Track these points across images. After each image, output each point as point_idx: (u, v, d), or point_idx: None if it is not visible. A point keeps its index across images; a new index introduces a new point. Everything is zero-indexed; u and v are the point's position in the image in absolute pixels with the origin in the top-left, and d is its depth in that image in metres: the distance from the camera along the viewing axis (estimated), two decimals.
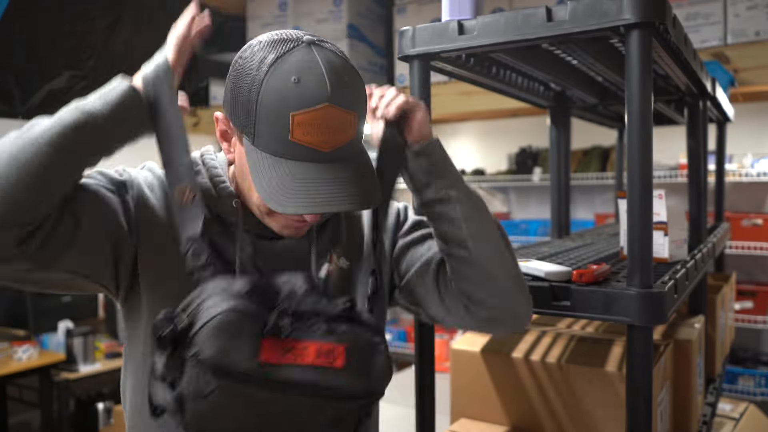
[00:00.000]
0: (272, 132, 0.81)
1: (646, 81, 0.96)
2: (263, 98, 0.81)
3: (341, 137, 0.83)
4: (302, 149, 0.81)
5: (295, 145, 0.81)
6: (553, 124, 1.98)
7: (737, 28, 2.76)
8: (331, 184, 0.82)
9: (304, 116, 0.79)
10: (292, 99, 0.79)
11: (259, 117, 0.81)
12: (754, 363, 3.28)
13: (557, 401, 1.28)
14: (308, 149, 0.81)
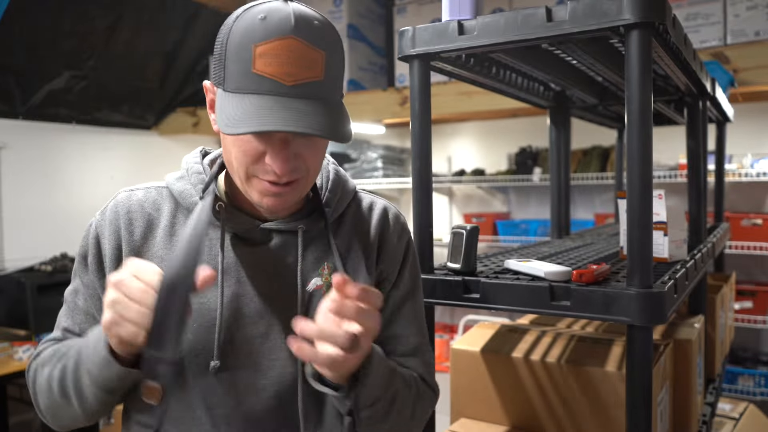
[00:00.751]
0: (237, 68, 0.81)
1: (645, 81, 0.96)
2: (231, 38, 0.82)
3: (305, 73, 0.81)
4: (264, 81, 0.80)
5: (257, 77, 0.80)
6: (553, 124, 1.98)
7: (737, 28, 2.76)
8: (288, 111, 0.79)
9: (265, 47, 0.79)
10: (256, 32, 0.80)
11: (227, 57, 0.82)
12: (754, 363, 3.28)
13: (557, 401, 1.28)
14: (270, 81, 0.80)
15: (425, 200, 1.22)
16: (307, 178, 0.90)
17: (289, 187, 0.88)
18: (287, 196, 0.89)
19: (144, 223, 0.95)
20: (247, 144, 0.85)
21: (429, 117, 1.21)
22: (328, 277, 0.95)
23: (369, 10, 4.04)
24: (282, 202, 0.89)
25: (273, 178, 0.86)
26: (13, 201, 3.57)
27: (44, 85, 3.56)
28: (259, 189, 0.88)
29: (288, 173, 0.85)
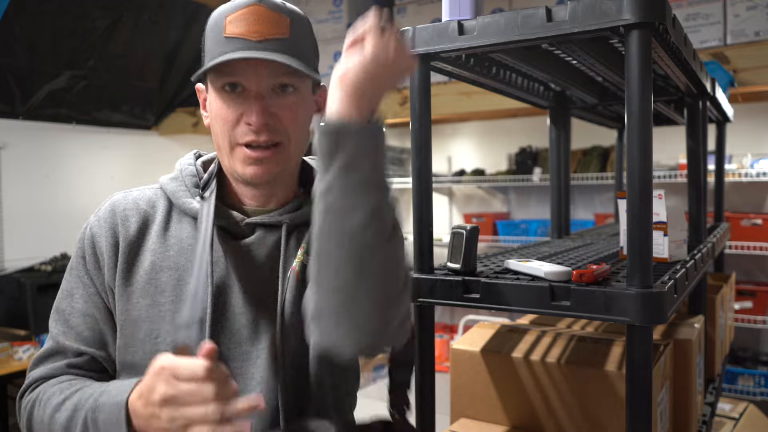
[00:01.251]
0: (211, 41, 0.92)
1: (645, 81, 0.96)
2: (208, 24, 0.94)
3: (271, 30, 0.90)
4: (233, 41, 0.89)
5: (227, 39, 0.90)
6: (553, 124, 1.98)
7: (737, 29, 2.77)
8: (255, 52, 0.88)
9: (234, 15, 0.90)
10: (226, 9, 0.92)
11: (206, 39, 0.94)
12: (754, 363, 3.28)
13: (557, 401, 1.28)
14: (239, 39, 0.89)
15: (425, 200, 1.22)
16: (288, 147, 0.93)
17: (270, 151, 0.91)
18: (269, 164, 0.92)
19: (139, 219, 0.97)
20: (227, 109, 0.91)
21: (429, 117, 1.21)
22: (300, 257, 0.96)
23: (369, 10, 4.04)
24: (265, 169, 0.92)
25: (252, 137, 0.90)
26: (13, 201, 3.57)
27: (44, 85, 3.56)
28: (241, 158, 0.92)
29: (263, 129, 0.90)
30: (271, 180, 0.96)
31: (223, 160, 0.96)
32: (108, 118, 4.00)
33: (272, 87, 0.92)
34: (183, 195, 0.98)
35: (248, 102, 0.90)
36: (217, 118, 0.93)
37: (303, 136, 0.97)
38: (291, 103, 0.93)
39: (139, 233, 0.96)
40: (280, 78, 0.92)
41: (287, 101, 0.93)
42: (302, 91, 0.95)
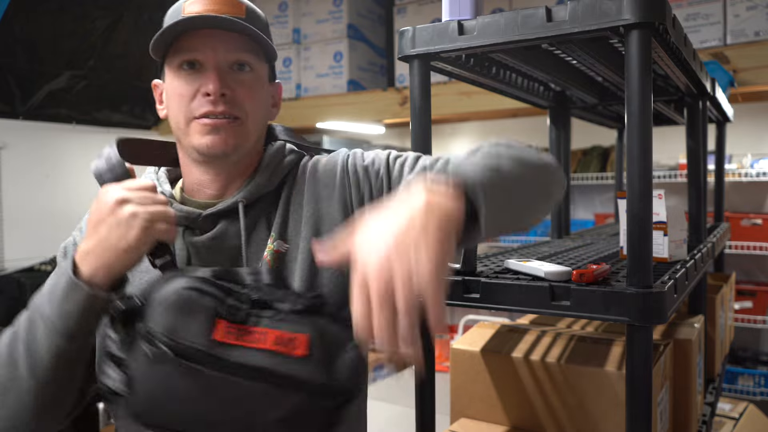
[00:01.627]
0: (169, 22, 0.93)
1: (645, 81, 0.96)
2: (168, 13, 0.97)
3: (228, 9, 0.92)
4: (192, 19, 0.90)
5: (185, 18, 0.90)
6: (553, 124, 1.98)
7: (737, 29, 2.77)
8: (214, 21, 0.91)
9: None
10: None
11: (164, 24, 0.94)
12: (754, 363, 3.28)
13: (557, 401, 1.28)
14: (197, 17, 0.90)
15: None
16: (246, 122, 0.93)
17: (227, 122, 0.91)
18: (225, 133, 0.91)
19: None
20: (184, 86, 0.92)
21: (429, 117, 1.20)
22: (271, 246, 0.95)
23: (369, 10, 4.04)
24: (221, 139, 0.91)
25: (209, 108, 0.91)
26: (13, 201, 3.57)
27: (44, 85, 3.56)
28: (198, 130, 0.92)
29: (219, 94, 0.90)
30: (228, 153, 0.93)
31: (181, 144, 0.96)
32: (108, 118, 4.00)
33: (229, 64, 0.93)
34: None
35: (205, 75, 0.91)
36: (173, 97, 0.93)
37: (260, 117, 0.97)
38: (248, 81, 0.94)
39: None
40: (237, 54, 0.93)
41: (245, 78, 0.94)
42: (258, 72, 0.97)
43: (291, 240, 0.96)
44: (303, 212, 0.98)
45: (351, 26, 3.88)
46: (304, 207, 0.98)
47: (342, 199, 0.99)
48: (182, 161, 0.99)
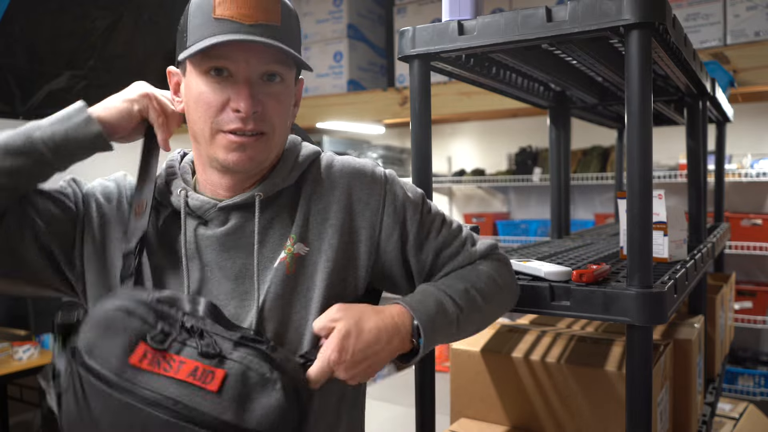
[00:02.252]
0: (198, 21, 0.87)
1: (645, 81, 0.96)
2: (193, 2, 0.89)
3: (262, 15, 0.86)
4: (224, 23, 0.85)
5: (216, 21, 0.85)
6: (553, 124, 1.98)
7: (737, 29, 2.77)
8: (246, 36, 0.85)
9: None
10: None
11: (189, 20, 0.88)
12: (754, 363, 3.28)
13: (557, 401, 1.28)
14: (229, 22, 0.85)
15: None
16: (272, 137, 0.90)
17: (254, 138, 0.88)
18: (252, 150, 0.88)
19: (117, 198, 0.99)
20: (212, 95, 0.87)
21: (429, 117, 1.21)
22: (291, 248, 0.92)
23: (369, 10, 4.04)
24: (248, 156, 0.88)
25: (238, 125, 0.87)
26: None
27: (44, 85, 3.56)
28: (224, 144, 0.88)
29: (251, 117, 0.86)
30: (253, 168, 0.91)
31: (199, 148, 0.92)
32: None
33: (260, 74, 0.88)
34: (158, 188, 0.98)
35: (236, 87, 0.86)
36: (198, 103, 0.88)
37: (286, 128, 0.94)
38: (278, 93, 0.90)
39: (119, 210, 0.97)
40: (269, 65, 0.88)
41: (274, 90, 0.89)
42: (287, 81, 0.92)
43: (312, 243, 0.93)
44: (330, 218, 0.95)
45: (351, 26, 3.88)
46: (331, 213, 0.95)
47: (372, 224, 0.97)
48: (198, 159, 0.96)
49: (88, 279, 0.93)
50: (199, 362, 0.74)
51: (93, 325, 0.76)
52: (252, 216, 0.92)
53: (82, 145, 0.91)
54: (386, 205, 0.97)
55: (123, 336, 0.75)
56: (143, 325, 0.76)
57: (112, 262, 0.93)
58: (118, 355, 0.74)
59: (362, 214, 0.96)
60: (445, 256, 1.00)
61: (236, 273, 0.92)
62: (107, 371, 0.73)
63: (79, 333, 0.76)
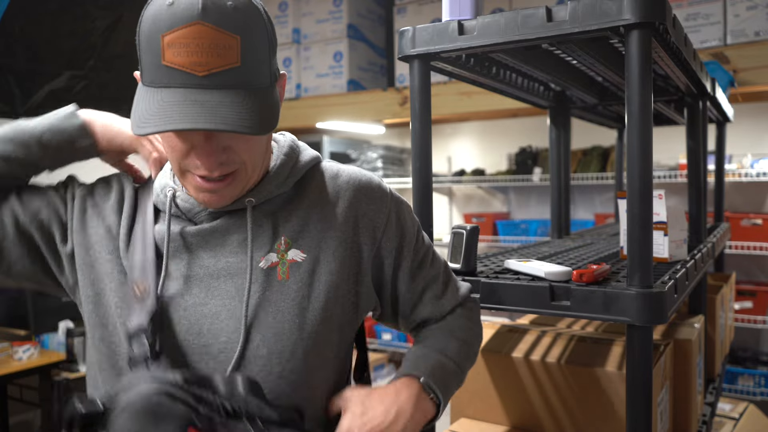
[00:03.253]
0: (148, 59, 0.77)
1: (646, 81, 0.96)
2: (142, 27, 0.78)
3: (218, 60, 0.75)
4: (174, 73, 0.75)
5: (167, 69, 0.75)
6: (553, 124, 1.98)
7: (737, 29, 2.77)
8: (198, 106, 0.74)
9: (172, 36, 0.74)
10: (163, 21, 0.75)
11: (141, 48, 0.78)
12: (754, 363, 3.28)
13: (557, 401, 1.28)
14: (181, 73, 0.75)
15: (425, 200, 1.22)
16: (245, 171, 0.84)
17: (224, 182, 0.83)
18: (223, 192, 0.84)
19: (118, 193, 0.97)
20: (173, 140, 0.81)
21: (429, 117, 1.21)
22: (284, 254, 0.88)
23: (369, 10, 4.04)
24: (218, 198, 0.84)
25: (204, 173, 0.81)
26: None
27: (44, 85, 3.56)
28: (193, 185, 0.84)
29: (216, 168, 0.81)
30: (230, 202, 0.87)
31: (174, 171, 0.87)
32: None
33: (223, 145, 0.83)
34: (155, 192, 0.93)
35: (195, 139, 0.80)
36: (165, 139, 0.83)
37: (261, 155, 0.87)
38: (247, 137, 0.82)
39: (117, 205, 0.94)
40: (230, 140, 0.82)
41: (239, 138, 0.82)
42: None
43: (309, 251, 0.89)
44: (334, 229, 0.91)
45: (351, 26, 3.88)
46: (336, 224, 0.92)
47: (373, 241, 0.95)
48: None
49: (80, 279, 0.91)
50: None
51: (134, 415, 0.70)
52: (242, 218, 0.89)
53: (65, 136, 0.92)
54: (388, 226, 0.96)
55: (173, 423, 0.70)
56: (188, 410, 0.72)
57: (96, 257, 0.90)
58: None
59: (366, 229, 0.94)
60: (431, 290, 1.02)
61: (221, 272, 0.88)
62: None
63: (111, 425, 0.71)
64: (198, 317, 0.86)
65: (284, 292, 0.87)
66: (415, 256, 0.99)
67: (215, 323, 0.85)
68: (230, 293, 0.86)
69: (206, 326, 0.85)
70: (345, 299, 0.92)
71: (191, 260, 0.88)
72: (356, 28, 3.91)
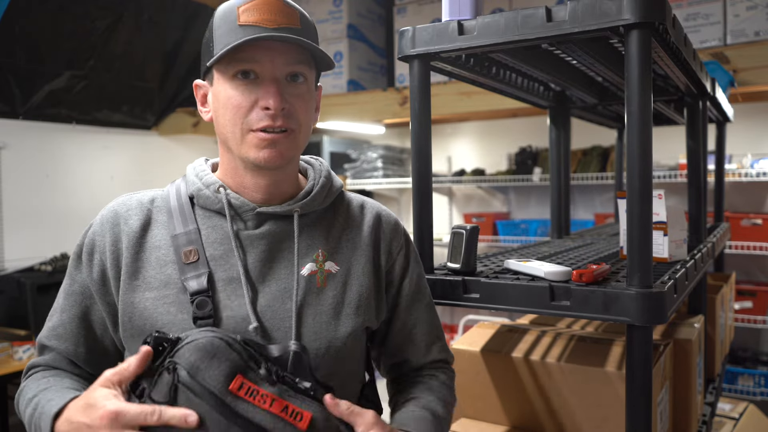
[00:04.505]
0: (223, 30, 0.92)
1: (645, 81, 0.96)
2: (217, 15, 0.94)
3: (284, 19, 0.92)
4: (248, 28, 0.90)
5: (241, 27, 0.91)
6: (553, 124, 1.99)
7: (737, 29, 2.77)
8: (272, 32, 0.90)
9: (246, 5, 0.92)
10: (237, 2, 0.93)
11: (214, 31, 0.93)
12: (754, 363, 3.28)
13: (557, 401, 1.28)
14: (253, 27, 0.90)
15: (425, 200, 1.22)
16: (298, 134, 0.95)
17: (283, 135, 0.93)
18: (282, 146, 0.93)
19: (142, 216, 0.98)
20: (240, 96, 0.92)
21: (429, 117, 1.21)
22: (322, 264, 0.99)
23: (369, 10, 4.04)
24: (278, 153, 0.93)
25: (268, 122, 0.92)
26: (13, 201, 3.57)
27: (44, 85, 3.56)
28: (254, 143, 0.93)
29: (280, 109, 0.91)
30: (283, 165, 0.96)
31: (231, 150, 0.97)
32: (108, 118, 4.00)
33: (285, 75, 0.94)
34: (193, 184, 1.00)
35: (263, 87, 0.92)
36: (227, 107, 0.93)
37: (309, 127, 0.99)
38: (302, 92, 0.95)
39: (142, 230, 0.97)
40: (293, 66, 0.94)
41: (299, 90, 0.95)
42: (310, 82, 0.98)
43: (342, 264, 1.01)
44: (362, 247, 1.03)
45: (351, 26, 3.88)
46: (363, 244, 1.04)
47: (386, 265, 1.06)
48: (229, 165, 0.99)
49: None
50: (289, 402, 0.82)
51: (198, 349, 0.80)
52: (286, 225, 0.98)
53: None
54: (400, 256, 1.08)
55: (225, 364, 0.80)
56: (239, 359, 0.81)
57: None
58: (220, 380, 0.79)
59: (384, 252, 1.06)
60: (423, 332, 1.10)
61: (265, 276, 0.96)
62: (211, 391, 0.79)
63: (180, 354, 0.80)
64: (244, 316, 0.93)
65: (322, 298, 0.98)
66: (416, 289, 1.09)
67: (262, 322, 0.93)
68: (275, 295, 0.95)
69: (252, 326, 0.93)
70: (369, 308, 1.02)
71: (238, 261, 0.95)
72: (356, 28, 3.92)
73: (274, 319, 0.94)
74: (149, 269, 0.95)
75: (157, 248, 0.96)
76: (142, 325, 0.94)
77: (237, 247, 0.95)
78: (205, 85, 0.99)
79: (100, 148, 4.00)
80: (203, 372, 0.79)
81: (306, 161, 1.09)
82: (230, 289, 0.94)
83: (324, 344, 0.96)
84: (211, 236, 0.97)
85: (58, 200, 3.77)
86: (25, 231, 3.62)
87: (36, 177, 3.68)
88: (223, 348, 0.81)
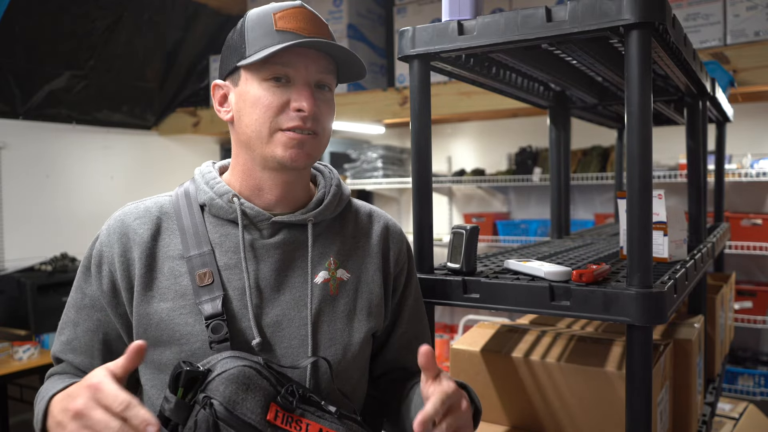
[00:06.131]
0: (259, 33, 0.95)
1: (645, 81, 0.96)
2: (249, 19, 0.97)
3: (318, 30, 0.97)
4: (285, 34, 0.94)
5: (278, 32, 0.94)
6: (553, 124, 1.99)
7: (737, 29, 2.77)
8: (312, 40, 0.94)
9: (283, 13, 0.96)
10: (273, 8, 0.97)
11: (247, 33, 0.96)
12: (754, 363, 3.28)
13: (557, 401, 1.28)
14: (290, 33, 0.94)
15: (425, 200, 1.22)
16: (322, 139, 0.99)
17: (311, 137, 0.96)
18: (308, 147, 0.96)
19: (152, 226, 0.98)
20: (272, 97, 0.94)
21: (429, 117, 1.21)
22: (334, 272, 1.01)
23: (369, 10, 4.04)
24: (305, 153, 0.96)
25: (298, 123, 0.94)
26: (13, 201, 3.58)
27: (44, 85, 3.56)
28: (283, 142, 0.95)
29: (311, 116, 0.94)
30: (306, 167, 0.99)
31: (252, 149, 0.97)
32: (108, 118, 4.00)
33: (316, 81, 0.97)
34: (204, 192, 0.99)
35: (297, 90, 0.95)
36: (257, 106, 0.95)
37: (330, 133, 1.02)
38: (328, 100, 0.99)
39: (152, 239, 0.96)
40: (323, 74, 0.98)
41: (326, 97, 0.99)
42: (333, 92, 1.02)
43: (352, 271, 1.04)
44: (371, 256, 1.06)
45: (351, 26, 3.88)
46: (372, 253, 1.07)
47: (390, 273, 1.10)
48: (245, 166, 1.00)
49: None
50: (321, 425, 0.84)
51: (232, 381, 0.81)
52: (299, 234, 1.00)
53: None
54: (405, 266, 1.12)
55: (260, 394, 0.82)
56: (269, 385, 0.83)
57: None
58: (257, 412, 0.81)
59: (392, 263, 1.09)
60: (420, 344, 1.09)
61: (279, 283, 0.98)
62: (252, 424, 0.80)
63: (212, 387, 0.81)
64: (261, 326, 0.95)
65: (335, 305, 1.00)
66: (416, 298, 1.14)
67: (276, 331, 0.96)
68: (289, 304, 0.97)
69: (269, 334, 0.95)
70: (379, 314, 1.06)
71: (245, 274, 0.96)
72: (356, 28, 3.91)
73: (290, 328, 0.96)
74: (163, 280, 0.95)
75: (170, 258, 0.96)
76: (158, 335, 0.93)
77: (247, 258, 0.96)
78: (226, 85, 1.00)
79: (100, 148, 4.00)
80: (241, 405, 0.80)
81: (316, 168, 1.11)
82: (244, 301, 0.95)
83: (340, 350, 0.98)
84: (225, 244, 0.97)
85: (58, 200, 3.78)
86: (25, 231, 3.62)
87: (36, 177, 3.68)
88: (255, 377, 0.82)
